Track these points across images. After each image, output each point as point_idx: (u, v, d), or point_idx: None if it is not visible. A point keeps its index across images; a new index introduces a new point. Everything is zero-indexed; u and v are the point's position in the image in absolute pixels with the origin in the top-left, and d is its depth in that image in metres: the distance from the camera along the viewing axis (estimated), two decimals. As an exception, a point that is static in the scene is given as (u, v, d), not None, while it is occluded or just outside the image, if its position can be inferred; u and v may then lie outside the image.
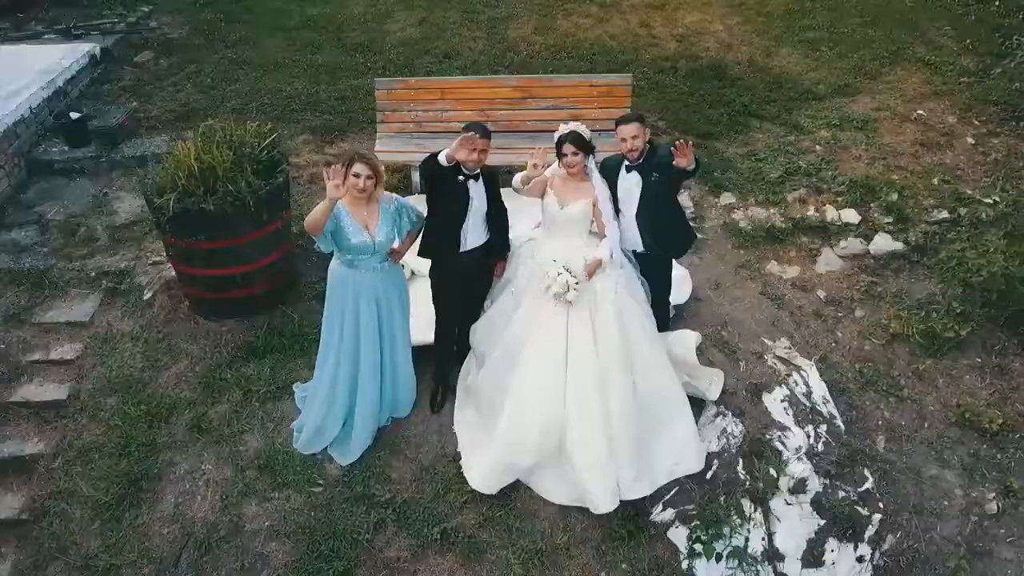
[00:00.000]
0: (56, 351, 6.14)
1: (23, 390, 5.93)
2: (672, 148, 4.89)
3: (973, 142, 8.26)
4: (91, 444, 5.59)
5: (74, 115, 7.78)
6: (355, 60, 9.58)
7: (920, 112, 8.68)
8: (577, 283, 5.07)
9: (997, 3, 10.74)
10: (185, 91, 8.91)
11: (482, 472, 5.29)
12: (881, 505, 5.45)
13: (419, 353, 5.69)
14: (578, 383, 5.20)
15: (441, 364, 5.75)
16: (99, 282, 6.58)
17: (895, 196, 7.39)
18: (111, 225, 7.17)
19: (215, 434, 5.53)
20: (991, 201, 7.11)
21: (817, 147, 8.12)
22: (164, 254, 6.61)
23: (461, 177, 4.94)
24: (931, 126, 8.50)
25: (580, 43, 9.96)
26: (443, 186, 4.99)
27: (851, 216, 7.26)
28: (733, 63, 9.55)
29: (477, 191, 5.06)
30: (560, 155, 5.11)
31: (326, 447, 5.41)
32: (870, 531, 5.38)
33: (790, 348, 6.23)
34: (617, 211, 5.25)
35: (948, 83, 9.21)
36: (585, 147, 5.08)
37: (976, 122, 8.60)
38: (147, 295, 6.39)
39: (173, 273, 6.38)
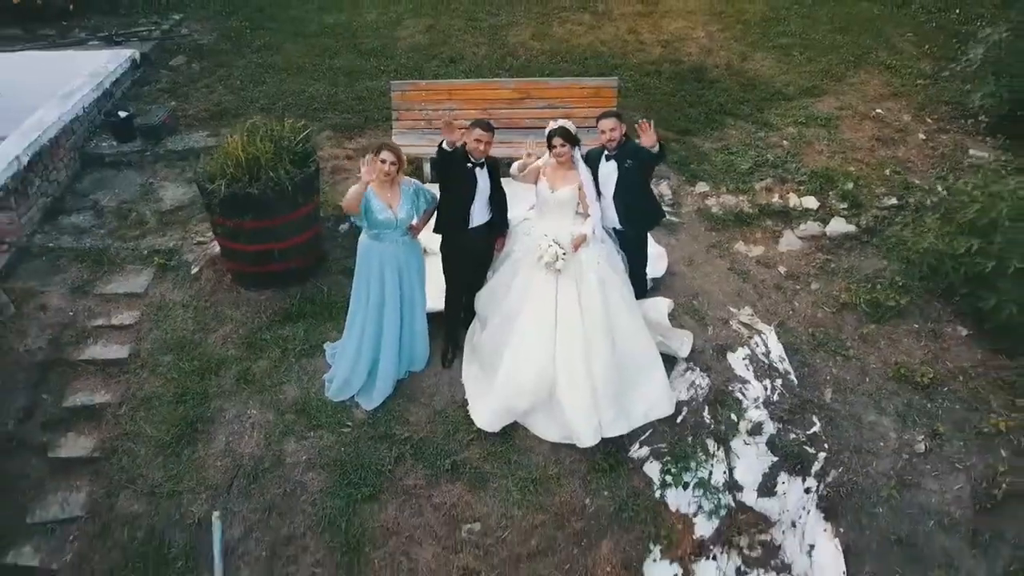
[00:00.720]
0: (117, 317, 7.03)
1: (90, 350, 6.82)
2: (636, 125, 5.81)
3: (924, 138, 9.14)
4: (151, 394, 6.49)
5: (122, 114, 8.67)
6: (369, 64, 10.42)
7: (879, 111, 9.55)
8: (564, 254, 5.96)
9: (957, 11, 11.59)
10: (217, 92, 9.78)
11: (485, 415, 6.19)
12: (826, 446, 6.33)
13: (431, 319, 6.57)
14: (566, 340, 6.09)
15: (450, 326, 6.63)
16: (151, 259, 7.47)
17: (851, 185, 8.27)
18: (158, 210, 8.06)
19: (258, 385, 6.43)
20: (936, 189, 7.99)
21: (784, 142, 8.99)
22: (207, 235, 7.51)
23: (470, 164, 5.84)
24: (888, 123, 9.36)
25: (574, 48, 10.81)
26: (455, 172, 5.89)
27: (811, 202, 8.14)
28: (712, 66, 10.40)
29: (483, 176, 5.96)
30: (550, 146, 5.98)
31: (353, 395, 6.30)
32: (816, 467, 6.26)
33: (752, 315, 7.11)
34: (598, 193, 6.15)
35: (906, 85, 10.08)
36: (571, 139, 5.96)
37: (928, 120, 9.48)
38: (194, 269, 7.28)
39: (217, 250, 7.27)
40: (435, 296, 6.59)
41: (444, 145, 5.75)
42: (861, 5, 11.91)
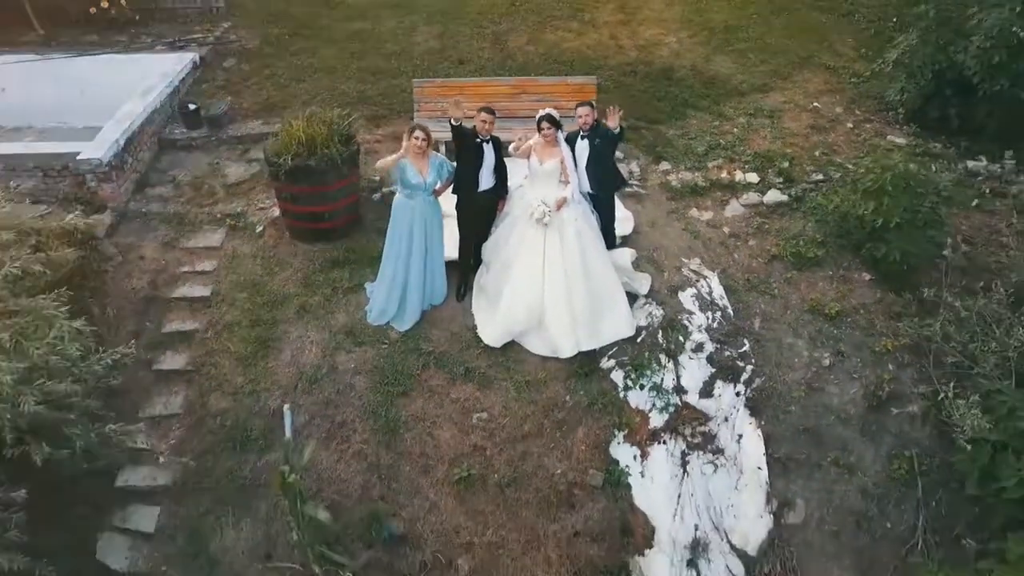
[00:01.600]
0: (199, 265, 8.73)
1: (180, 290, 8.52)
2: (607, 110, 7.54)
3: (851, 126, 10.81)
4: (231, 322, 8.20)
5: (191, 106, 10.35)
6: (391, 65, 12.02)
7: (816, 104, 11.22)
8: (550, 213, 7.68)
9: (894, 20, 13.19)
10: (265, 89, 11.43)
11: (490, 335, 7.91)
12: (753, 361, 8.03)
13: (448, 265, 8.29)
14: (551, 279, 7.79)
15: (463, 270, 8.32)
16: (223, 221, 9.17)
17: (786, 164, 9.95)
18: (224, 184, 9.74)
19: (314, 314, 8.14)
20: (847, 167, 9.68)
21: (735, 130, 10.65)
22: (267, 202, 9.21)
23: (478, 140, 7.57)
24: (822, 115, 11.03)
25: (563, 51, 12.43)
26: (467, 146, 7.60)
27: (753, 178, 9.80)
28: (679, 67, 12.01)
29: (488, 151, 7.67)
30: (539, 128, 7.69)
31: (388, 321, 8.02)
32: (744, 376, 7.96)
33: (700, 264, 8.80)
34: (575, 165, 7.86)
35: (841, 83, 11.74)
36: (555, 123, 7.66)
37: (857, 112, 11.15)
38: (259, 228, 8.98)
39: (276, 213, 8.97)
40: (451, 247, 8.29)
41: (452, 121, 7.50)
42: (811, 15, 13.55)
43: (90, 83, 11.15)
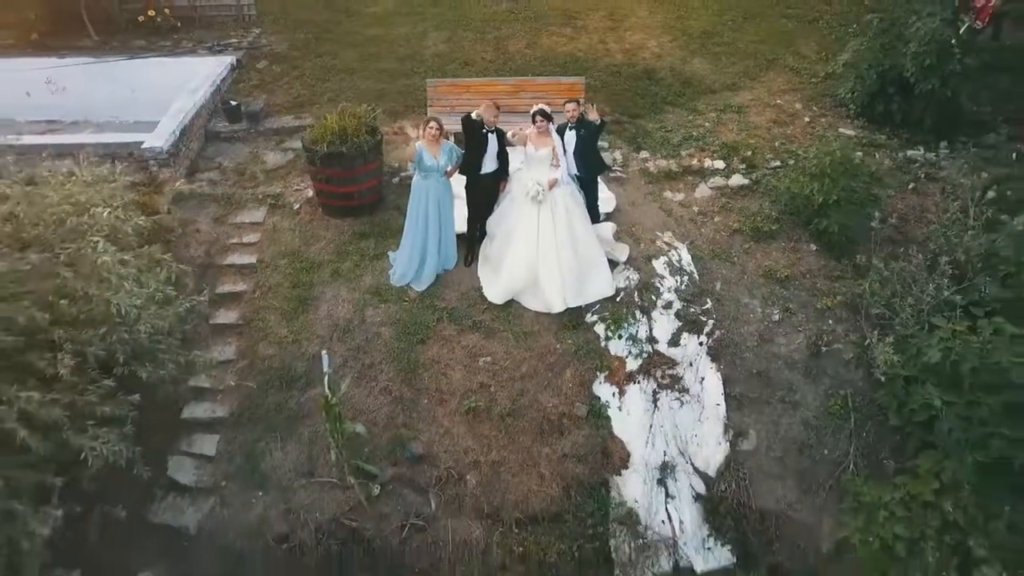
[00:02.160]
0: (245, 238, 10.06)
1: (230, 258, 9.84)
2: (589, 106, 8.90)
3: (808, 120, 12.14)
4: (275, 284, 9.54)
5: (233, 102, 11.69)
6: (405, 66, 13.32)
7: (779, 101, 12.55)
8: (543, 191, 9.02)
9: (854, 26, 14.47)
10: (295, 88, 12.75)
11: (493, 293, 9.25)
12: (714, 316, 9.35)
13: (458, 237, 9.63)
14: (544, 247, 9.10)
15: (470, 241, 9.64)
16: (264, 200, 10.49)
17: (749, 152, 11.28)
18: (264, 169, 11.08)
19: (345, 277, 9.47)
20: (801, 154, 11.01)
21: (706, 123, 11.99)
22: (302, 184, 10.53)
23: (484, 130, 8.92)
24: (784, 110, 12.37)
25: (557, 54, 13.72)
26: (475, 136, 8.94)
27: (720, 164, 11.13)
28: (660, 68, 13.33)
29: (492, 139, 9.00)
30: (534, 121, 9.03)
31: (408, 282, 9.36)
32: (706, 329, 9.29)
33: (672, 237, 10.14)
34: (564, 151, 9.20)
35: (802, 82, 13.06)
36: (548, 117, 8.99)
37: (814, 108, 12.47)
38: (296, 206, 10.33)
39: (310, 194, 10.30)
40: (460, 223, 9.62)
41: (473, 115, 8.85)
42: (780, 21, 14.85)
43: (139, 83, 12.49)
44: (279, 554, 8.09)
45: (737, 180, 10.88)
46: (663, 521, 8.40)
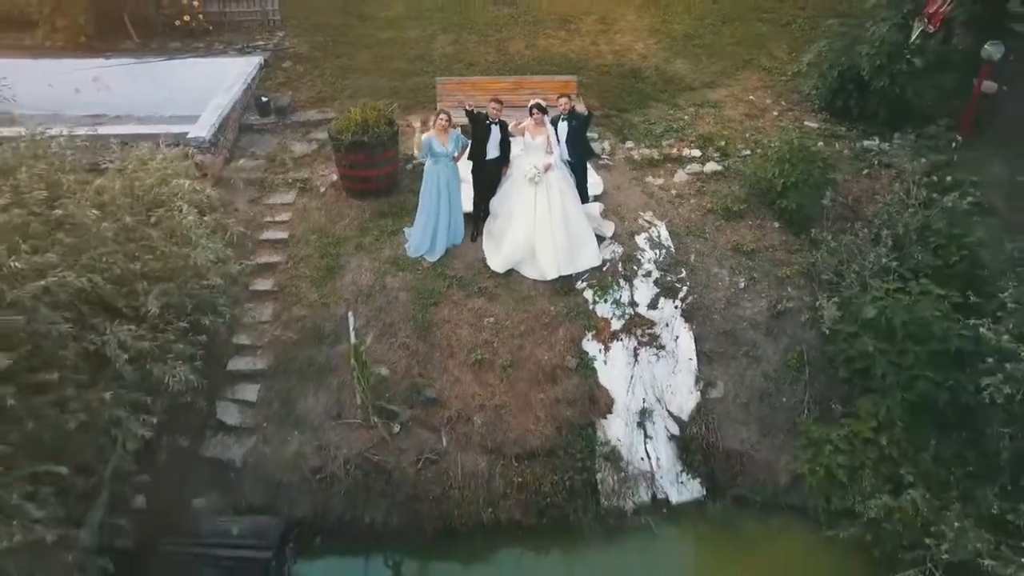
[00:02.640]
0: (278, 216, 11.25)
1: (265, 234, 11.02)
2: (578, 100, 10.15)
3: (777, 114, 13.34)
4: (305, 256, 10.73)
5: (264, 98, 12.90)
6: (415, 66, 14.46)
7: (751, 97, 13.75)
8: (539, 174, 10.25)
9: (821, 29, 15.66)
10: (317, 85, 13.93)
11: (496, 263, 10.45)
12: (688, 284, 10.54)
13: (465, 217, 10.85)
14: (540, 223, 10.29)
15: (476, 218, 10.83)
16: (294, 184, 11.68)
17: (723, 143, 12.48)
18: (292, 157, 12.26)
19: (368, 249, 10.67)
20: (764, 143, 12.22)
21: (685, 117, 13.18)
22: (327, 169, 11.73)
23: (488, 122, 10.15)
24: (755, 105, 13.56)
25: (553, 55, 14.86)
26: (480, 127, 10.16)
27: (696, 153, 12.34)
28: (646, 68, 14.49)
29: (495, 130, 10.19)
30: (531, 114, 10.25)
31: (422, 254, 10.59)
32: (681, 294, 10.49)
33: (652, 216, 11.33)
34: (558, 140, 10.43)
35: (774, 80, 14.24)
36: (543, 110, 10.21)
37: (783, 103, 13.66)
38: (322, 189, 11.54)
39: (334, 178, 11.52)
40: (467, 203, 10.84)
41: (475, 111, 10.08)
42: (756, 25, 16.00)
43: (176, 81, 13.64)
44: (313, 484, 9.30)
45: (711, 167, 12.09)
46: (642, 458, 9.61)
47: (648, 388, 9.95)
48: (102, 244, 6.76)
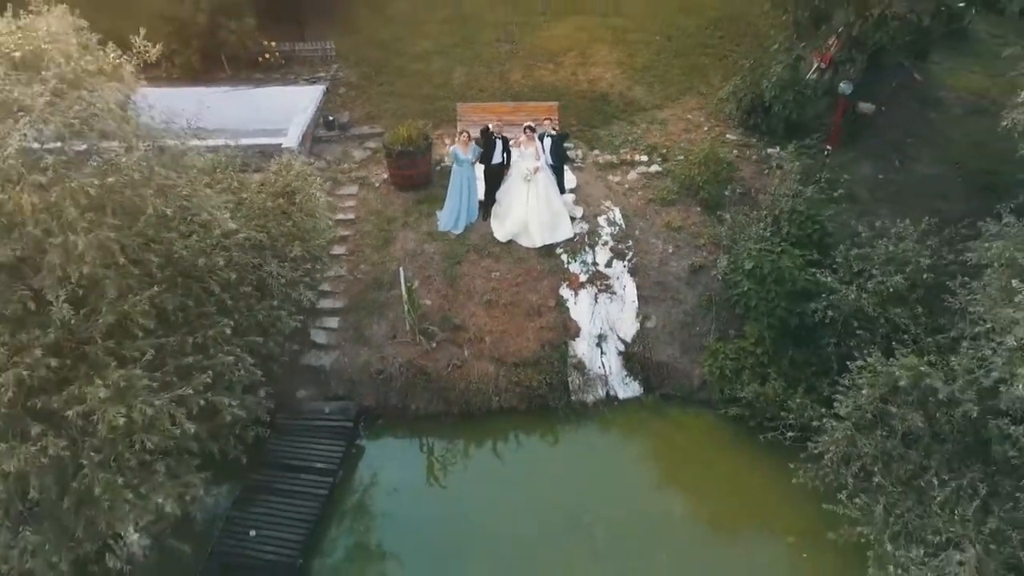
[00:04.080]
0: (346, 203, 15.03)
1: (337, 216, 14.88)
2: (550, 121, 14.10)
3: (707, 129, 17.03)
4: (367, 231, 14.54)
5: (330, 117, 16.77)
6: (439, 92, 18.06)
7: (689, 116, 17.50)
8: (531, 174, 14.16)
9: (752, 62, 19.40)
10: (366, 107, 17.63)
11: (500, 235, 14.30)
12: (633, 250, 14.37)
13: (479, 203, 14.79)
14: (531, 208, 14.11)
15: (486, 204, 14.63)
16: (356, 180, 15.53)
17: (664, 150, 16.23)
18: (353, 161, 15.99)
19: (412, 226, 14.47)
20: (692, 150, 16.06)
21: (638, 131, 16.88)
22: (379, 170, 15.63)
23: (494, 137, 14.05)
24: (692, 123, 17.29)
25: (543, 84, 18.44)
26: (488, 140, 14.02)
27: (644, 158, 16.08)
28: (612, 94, 18.12)
29: (499, 143, 14.06)
30: (524, 132, 14.13)
31: (449, 229, 14.47)
32: (628, 256, 14.31)
33: (610, 203, 15.15)
34: (544, 150, 14.33)
35: (707, 103, 17.87)
36: (533, 129, 14.01)
37: (713, 120, 17.33)
38: (377, 184, 15.40)
39: (385, 176, 15.39)
40: (480, 194, 14.74)
41: (491, 127, 14.01)
42: (699, 58, 19.59)
43: (261, 104, 17.44)
44: (377, 382, 13.21)
45: (655, 168, 15.90)
46: (599, 367, 13.41)
47: (604, 320, 13.78)
48: (263, 215, 10.69)
